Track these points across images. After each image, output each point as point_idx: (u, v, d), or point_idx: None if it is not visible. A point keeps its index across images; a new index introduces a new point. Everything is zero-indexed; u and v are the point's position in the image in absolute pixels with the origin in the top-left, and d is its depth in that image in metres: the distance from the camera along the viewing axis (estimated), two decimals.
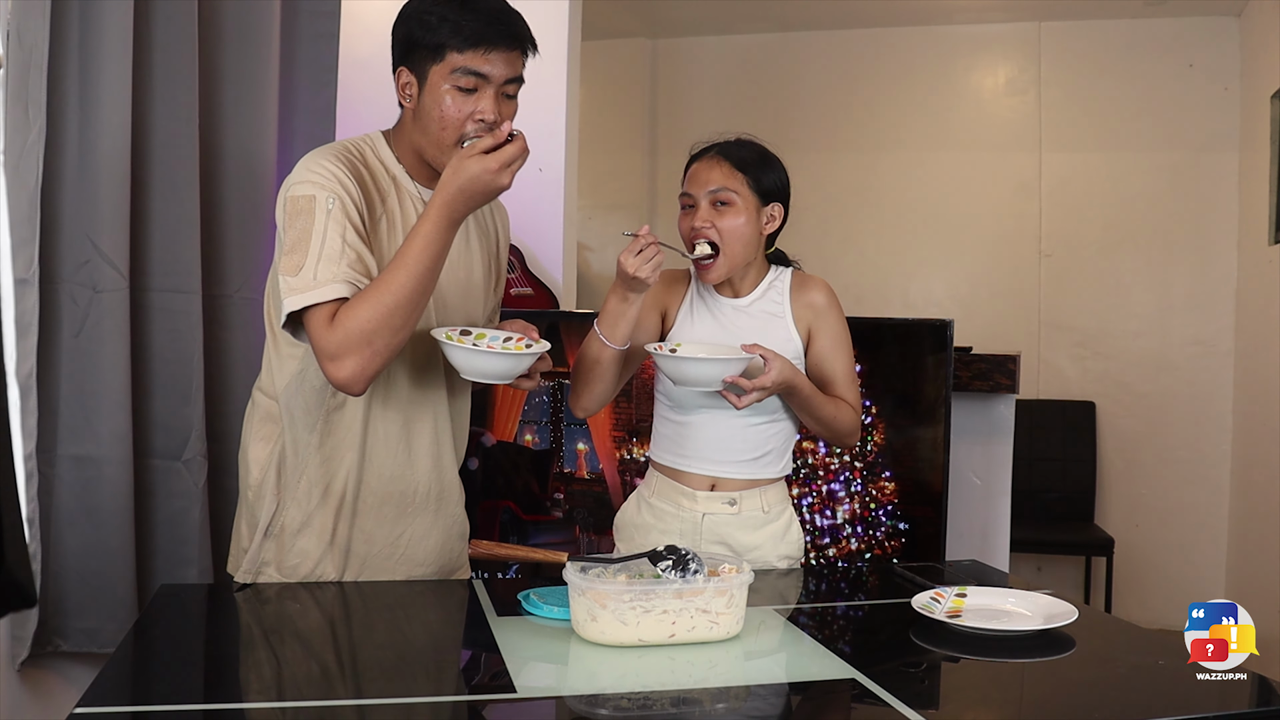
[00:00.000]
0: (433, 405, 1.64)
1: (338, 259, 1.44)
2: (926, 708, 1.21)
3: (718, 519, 1.77)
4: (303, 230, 1.46)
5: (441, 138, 1.52)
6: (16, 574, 0.84)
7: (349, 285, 1.44)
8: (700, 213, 1.73)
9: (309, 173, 1.50)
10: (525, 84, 1.58)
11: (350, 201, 1.49)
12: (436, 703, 1.22)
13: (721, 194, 1.73)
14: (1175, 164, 4.33)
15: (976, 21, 4.55)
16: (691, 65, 4.86)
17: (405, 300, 1.42)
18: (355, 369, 1.42)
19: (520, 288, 2.78)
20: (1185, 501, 4.30)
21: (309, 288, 1.43)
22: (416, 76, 1.52)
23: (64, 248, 1.91)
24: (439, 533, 1.70)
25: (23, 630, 1.90)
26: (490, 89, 1.51)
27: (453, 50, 1.49)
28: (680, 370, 1.65)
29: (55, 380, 1.91)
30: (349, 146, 1.58)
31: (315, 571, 1.61)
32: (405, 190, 1.60)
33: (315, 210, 1.46)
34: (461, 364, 1.51)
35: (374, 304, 1.41)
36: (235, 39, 2.16)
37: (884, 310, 4.39)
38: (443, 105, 1.50)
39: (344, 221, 1.46)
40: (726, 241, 1.72)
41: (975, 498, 2.72)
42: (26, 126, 1.82)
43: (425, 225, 1.44)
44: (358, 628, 1.52)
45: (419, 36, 1.50)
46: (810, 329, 1.79)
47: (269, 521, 1.61)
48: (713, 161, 1.75)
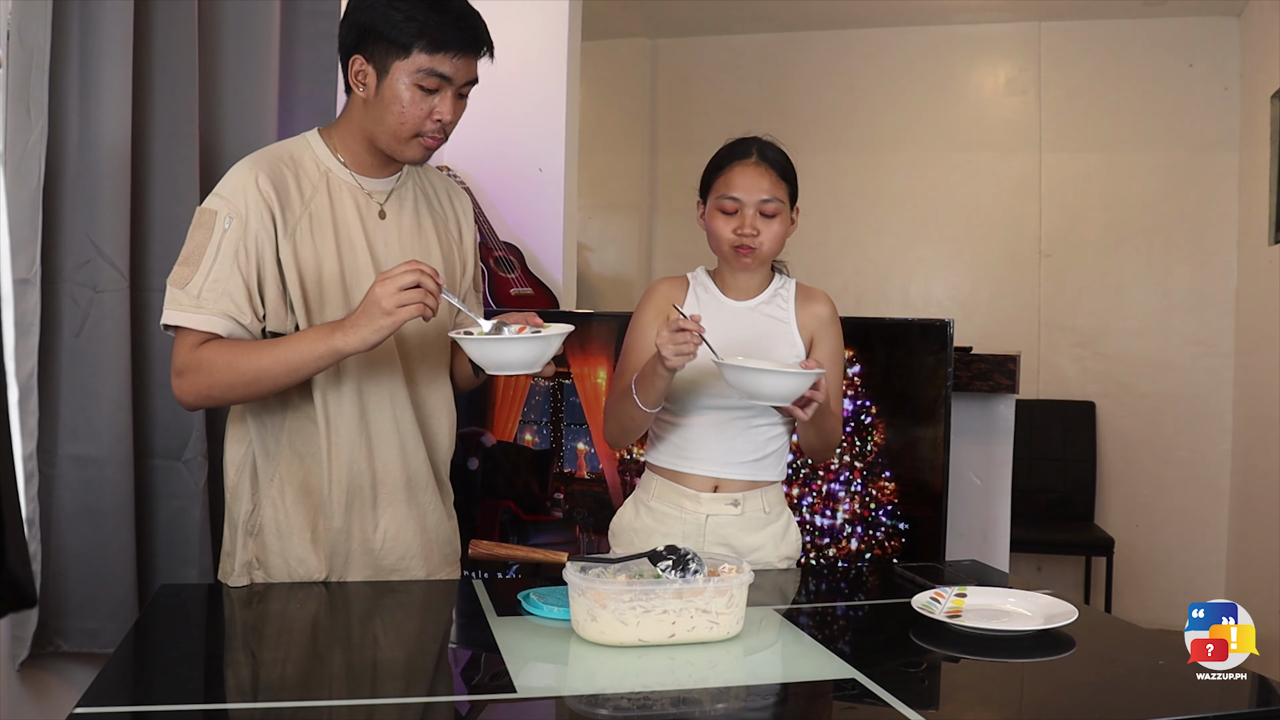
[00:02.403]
0: (389, 393, 1.63)
1: (224, 282, 1.51)
2: (926, 708, 1.21)
3: (721, 520, 1.77)
4: (199, 244, 1.53)
5: (399, 130, 1.56)
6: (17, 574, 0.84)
7: (227, 323, 1.51)
8: (748, 220, 1.74)
9: (223, 184, 1.56)
10: (522, 83, 1.59)
11: (252, 220, 1.53)
12: (436, 703, 1.23)
13: (770, 205, 1.74)
14: (1175, 164, 4.33)
15: (976, 21, 4.55)
16: (691, 65, 4.87)
17: (258, 383, 1.51)
18: (190, 398, 1.54)
19: (520, 288, 2.78)
20: (1185, 501, 4.30)
21: (192, 308, 1.51)
22: (376, 68, 1.54)
23: (64, 248, 1.91)
24: (414, 523, 1.68)
25: (23, 630, 1.90)
26: (450, 90, 1.56)
27: (420, 51, 1.52)
28: (757, 384, 1.59)
29: (55, 380, 1.91)
30: (279, 149, 1.62)
31: (303, 571, 1.62)
32: (338, 181, 1.62)
33: (215, 226, 1.52)
34: (486, 358, 1.48)
35: (230, 369, 1.50)
36: (235, 39, 2.16)
37: (884, 310, 4.40)
38: (403, 101, 1.54)
39: (237, 244, 1.51)
40: (767, 246, 1.75)
41: (975, 498, 2.72)
42: (28, 127, 1.82)
43: (312, 334, 1.49)
44: (357, 627, 1.52)
45: (383, 30, 1.52)
46: (812, 339, 1.81)
47: (245, 520, 1.63)
48: (760, 169, 1.75)
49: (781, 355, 1.77)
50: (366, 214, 1.63)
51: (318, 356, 1.48)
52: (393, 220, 1.65)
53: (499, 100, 2.88)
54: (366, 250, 1.61)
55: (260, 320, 1.55)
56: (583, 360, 2.49)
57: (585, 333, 2.50)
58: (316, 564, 1.62)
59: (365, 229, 1.62)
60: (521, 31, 2.86)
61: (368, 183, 1.64)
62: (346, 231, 1.60)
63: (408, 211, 1.68)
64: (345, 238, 1.60)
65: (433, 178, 1.77)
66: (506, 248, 2.82)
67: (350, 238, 1.60)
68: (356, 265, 1.60)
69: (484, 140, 2.87)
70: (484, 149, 2.87)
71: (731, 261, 1.77)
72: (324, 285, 1.58)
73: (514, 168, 2.89)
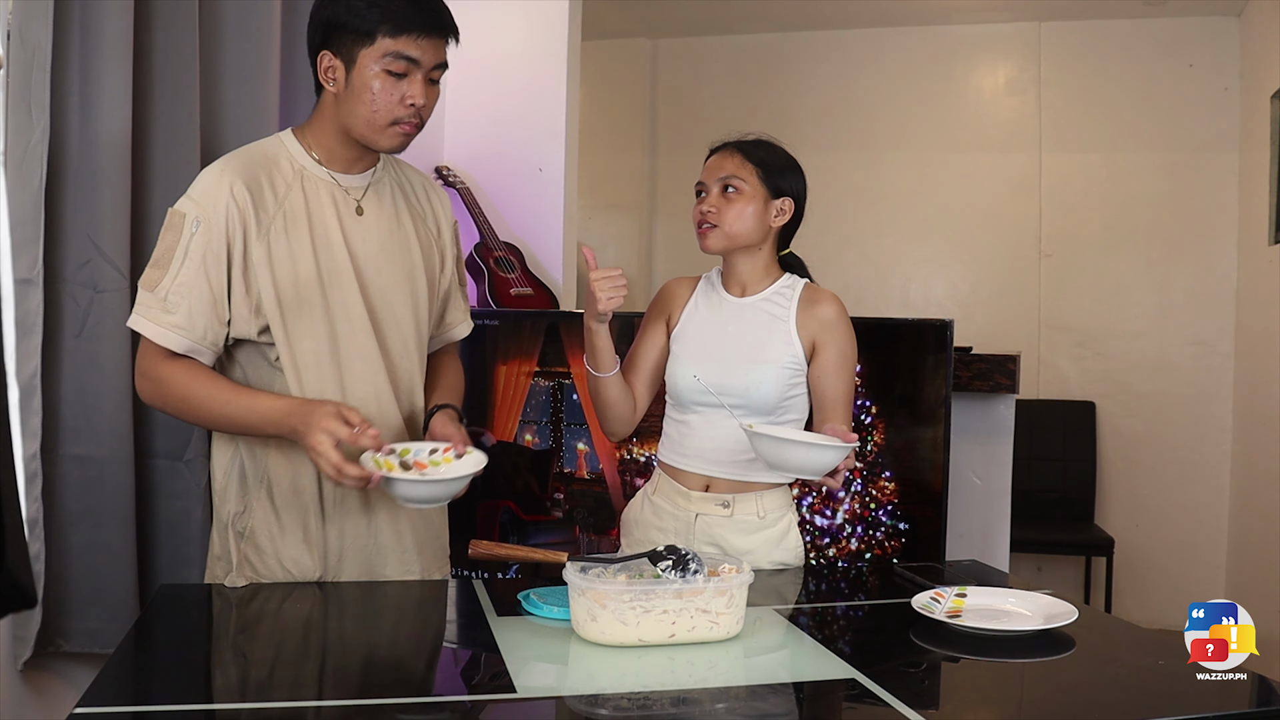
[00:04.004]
0: (375, 393, 1.63)
1: (189, 286, 1.52)
2: (926, 708, 1.21)
3: (710, 520, 1.77)
4: (168, 247, 1.54)
5: (373, 119, 1.56)
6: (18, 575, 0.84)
7: (187, 342, 1.53)
8: (709, 199, 1.78)
9: (195, 186, 1.57)
10: (522, 83, 1.59)
11: (221, 223, 1.53)
12: (436, 702, 1.23)
13: (730, 180, 1.76)
14: (1175, 164, 4.33)
15: (976, 21, 4.55)
16: (691, 65, 4.86)
17: (207, 424, 1.59)
18: (146, 399, 1.59)
19: (520, 288, 2.78)
20: (1185, 501, 4.30)
21: (159, 315, 1.53)
22: (344, 60, 1.55)
23: (65, 248, 1.91)
24: (406, 521, 1.68)
25: (25, 631, 1.90)
26: (419, 74, 1.56)
27: (384, 35, 1.53)
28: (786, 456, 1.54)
29: (57, 380, 1.91)
30: (252, 150, 1.63)
31: (298, 571, 1.61)
32: (313, 179, 1.62)
33: (183, 229, 1.54)
34: (397, 494, 1.49)
35: (185, 402, 1.54)
36: (235, 39, 2.16)
37: (884, 310, 4.40)
38: (373, 89, 1.54)
39: (204, 248, 1.53)
40: (727, 221, 1.76)
41: (975, 498, 2.72)
42: (30, 127, 1.82)
43: (268, 408, 1.51)
44: (357, 627, 1.52)
45: (346, 20, 1.53)
46: (815, 342, 1.77)
47: (231, 521, 1.62)
48: (727, 153, 1.80)
49: (773, 353, 1.76)
50: (344, 210, 1.62)
51: (272, 428, 1.52)
52: (371, 216, 1.65)
53: (499, 100, 2.88)
54: (344, 247, 1.61)
55: (225, 326, 1.55)
56: (583, 360, 2.49)
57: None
58: (311, 564, 1.62)
59: (343, 226, 1.61)
60: (521, 31, 2.86)
61: (344, 179, 1.64)
62: (323, 229, 1.60)
63: (386, 207, 1.68)
64: (321, 235, 1.59)
65: (409, 173, 1.77)
66: (506, 248, 2.82)
67: (327, 235, 1.60)
68: (333, 263, 1.59)
69: (484, 140, 2.87)
70: (484, 149, 2.87)
71: (700, 243, 1.80)
72: (300, 284, 1.57)
73: (514, 168, 2.89)
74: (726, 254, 1.81)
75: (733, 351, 1.76)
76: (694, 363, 1.77)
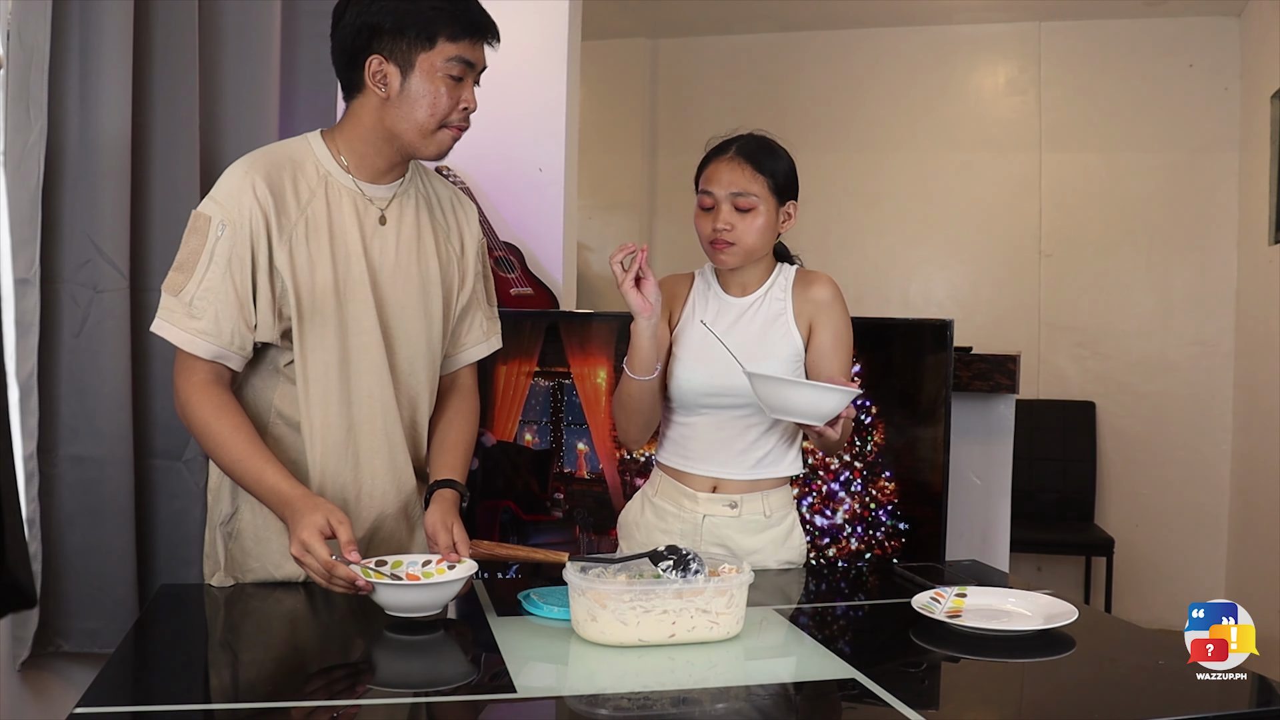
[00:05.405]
0: (380, 407, 1.61)
1: (216, 290, 1.50)
2: (926, 708, 1.21)
3: (718, 521, 1.77)
4: (193, 250, 1.51)
5: (428, 123, 1.55)
6: (17, 574, 0.84)
7: (214, 348, 1.51)
8: (722, 215, 1.73)
9: (219, 188, 1.54)
10: (522, 82, 1.60)
11: (247, 227, 1.51)
12: (437, 703, 1.23)
13: (744, 199, 1.72)
14: (1175, 164, 4.33)
15: (976, 21, 4.55)
16: (691, 65, 4.86)
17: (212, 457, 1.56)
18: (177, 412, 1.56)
19: (520, 288, 2.78)
20: (1185, 501, 4.30)
21: (184, 320, 1.50)
22: (399, 65, 1.53)
23: (64, 248, 1.91)
24: (405, 530, 1.68)
25: (24, 631, 1.90)
26: (472, 77, 1.57)
27: (445, 39, 1.52)
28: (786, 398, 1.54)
29: (56, 380, 1.91)
30: (278, 150, 1.60)
31: (285, 574, 1.60)
32: (337, 186, 1.59)
33: (208, 232, 1.51)
34: (383, 601, 1.44)
35: (201, 437, 1.53)
36: (235, 39, 2.16)
37: (884, 310, 4.39)
38: (436, 93, 1.53)
39: (229, 252, 1.50)
40: (744, 238, 1.73)
41: (975, 498, 2.72)
42: (28, 127, 1.82)
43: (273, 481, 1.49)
44: (357, 627, 1.52)
45: (403, 25, 1.51)
46: (811, 324, 1.77)
47: (223, 521, 1.62)
48: (734, 163, 1.74)
49: (779, 352, 1.75)
50: (365, 221, 1.59)
51: (270, 505, 1.51)
52: (392, 227, 1.62)
53: (499, 100, 2.87)
54: (363, 258, 1.58)
55: (252, 331, 1.53)
56: (583, 360, 2.49)
57: (585, 333, 2.50)
58: (295, 569, 1.58)
59: (363, 236, 1.59)
60: (521, 31, 2.86)
61: (369, 188, 1.61)
62: (343, 239, 1.57)
63: (408, 220, 1.64)
64: (341, 245, 1.57)
65: (438, 186, 1.73)
66: (506, 248, 2.82)
67: (346, 245, 1.57)
68: (350, 274, 1.57)
69: (484, 140, 2.85)
70: (484, 149, 2.86)
71: (712, 258, 1.77)
72: (317, 293, 1.55)
73: (514, 168, 2.89)
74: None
75: (736, 353, 1.76)
76: (698, 366, 1.76)
